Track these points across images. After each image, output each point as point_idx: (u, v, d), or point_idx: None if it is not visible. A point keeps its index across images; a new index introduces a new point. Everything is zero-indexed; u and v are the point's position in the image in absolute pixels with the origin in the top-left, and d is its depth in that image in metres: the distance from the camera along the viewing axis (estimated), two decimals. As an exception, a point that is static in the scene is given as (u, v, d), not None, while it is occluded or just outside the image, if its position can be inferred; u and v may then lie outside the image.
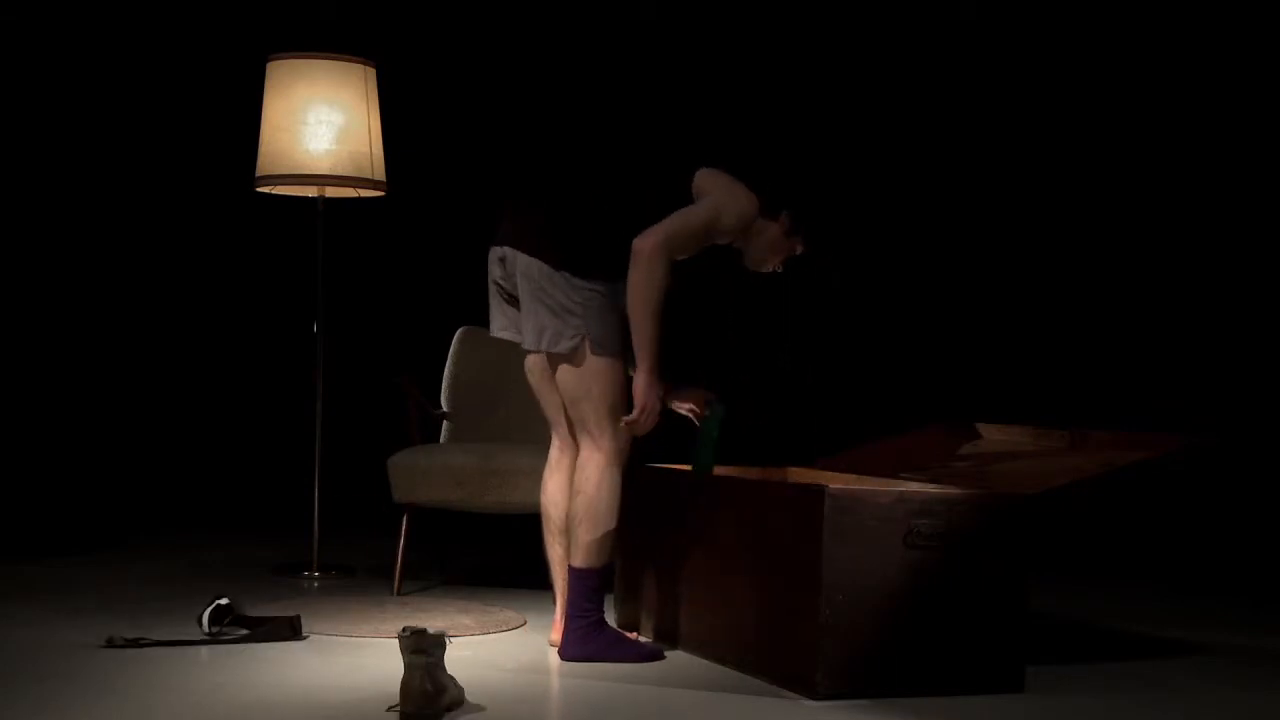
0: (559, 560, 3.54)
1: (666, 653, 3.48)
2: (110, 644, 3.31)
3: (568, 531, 3.46)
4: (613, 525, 3.37)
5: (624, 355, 3.36)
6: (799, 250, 3.52)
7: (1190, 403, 5.83)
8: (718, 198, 3.36)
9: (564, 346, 3.31)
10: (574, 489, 3.40)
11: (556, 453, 3.58)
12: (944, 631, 3.10)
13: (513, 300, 3.45)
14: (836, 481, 3.81)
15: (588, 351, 3.31)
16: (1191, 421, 5.05)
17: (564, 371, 3.36)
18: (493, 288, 3.50)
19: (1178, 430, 3.71)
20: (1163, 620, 4.35)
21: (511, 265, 3.37)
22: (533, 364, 3.53)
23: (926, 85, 6.41)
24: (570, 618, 3.39)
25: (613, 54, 6.50)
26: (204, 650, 3.32)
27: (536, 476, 4.18)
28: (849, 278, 6.20)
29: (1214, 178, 6.01)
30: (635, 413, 3.33)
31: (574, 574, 3.38)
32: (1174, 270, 6.06)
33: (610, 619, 3.53)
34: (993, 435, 3.99)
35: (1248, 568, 5.57)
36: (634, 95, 6.40)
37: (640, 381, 3.31)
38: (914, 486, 3.44)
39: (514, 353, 4.85)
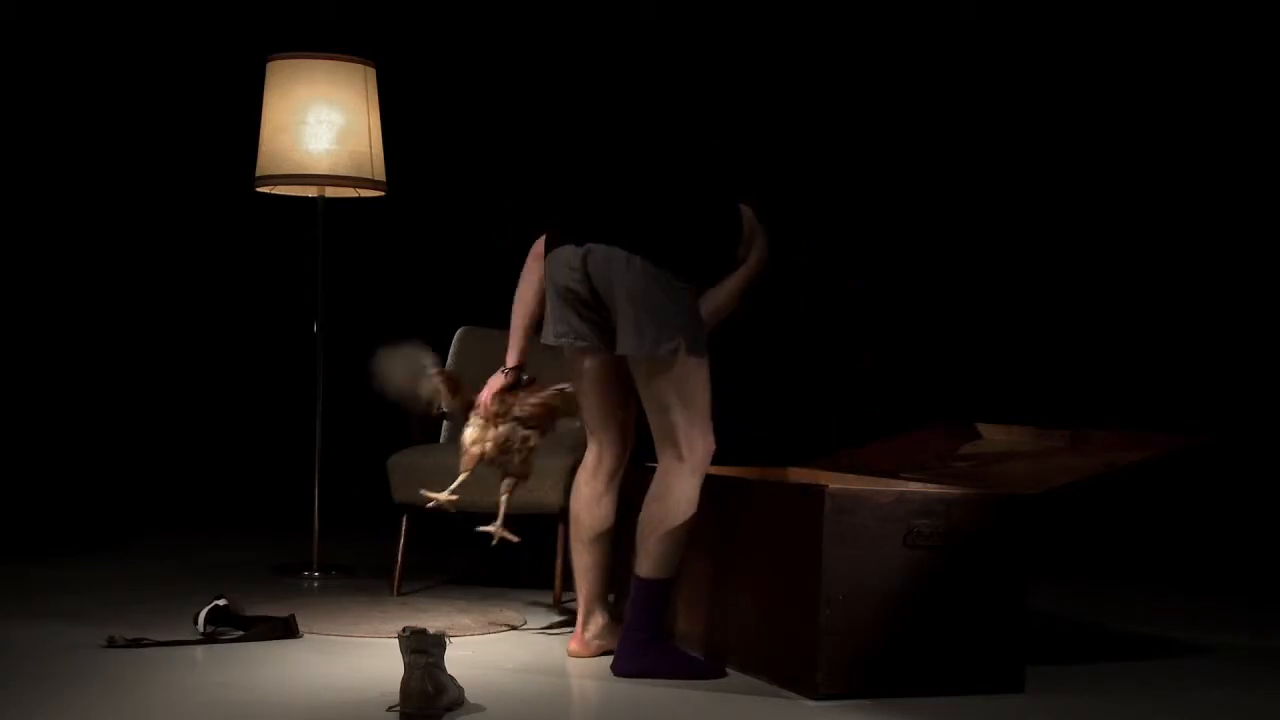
0: (584, 569, 3.43)
1: None
2: (110, 644, 3.30)
3: (599, 540, 3.41)
4: (686, 537, 3.20)
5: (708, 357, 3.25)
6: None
7: (1189, 403, 5.82)
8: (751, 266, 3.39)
9: (665, 349, 3.12)
10: (649, 496, 3.22)
11: (594, 459, 3.46)
12: (944, 631, 3.09)
13: (584, 304, 3.24)
14: (836, 481, 3.80)
15: (686, 353, 3.16)
16: (1191, 421, 5.05)
17: (657, 378, 3.16)
18: (558, 291, 3.26)
19: (1178, 430, 3.71)
20: (1163, 620, 4.35)
21: (598, 264, 3.16)
22: (593, 367, 3.34)
23: (927, 85, 6.40)
24: (628, 629, 3.22)
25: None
26: (202, 650, 3.33)
27: (538, 477, 4.18)
28: (867, 282, 6.17)
29: (1214, 177, 6.01)
30: None
31: (639, 584, 3.21)
32: (1174, 270, 6.06)
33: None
34: (993, 435, 3.98)
35: (1248, 568, 5.56)
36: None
37: None
38: (914, 486, 3.44)
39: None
